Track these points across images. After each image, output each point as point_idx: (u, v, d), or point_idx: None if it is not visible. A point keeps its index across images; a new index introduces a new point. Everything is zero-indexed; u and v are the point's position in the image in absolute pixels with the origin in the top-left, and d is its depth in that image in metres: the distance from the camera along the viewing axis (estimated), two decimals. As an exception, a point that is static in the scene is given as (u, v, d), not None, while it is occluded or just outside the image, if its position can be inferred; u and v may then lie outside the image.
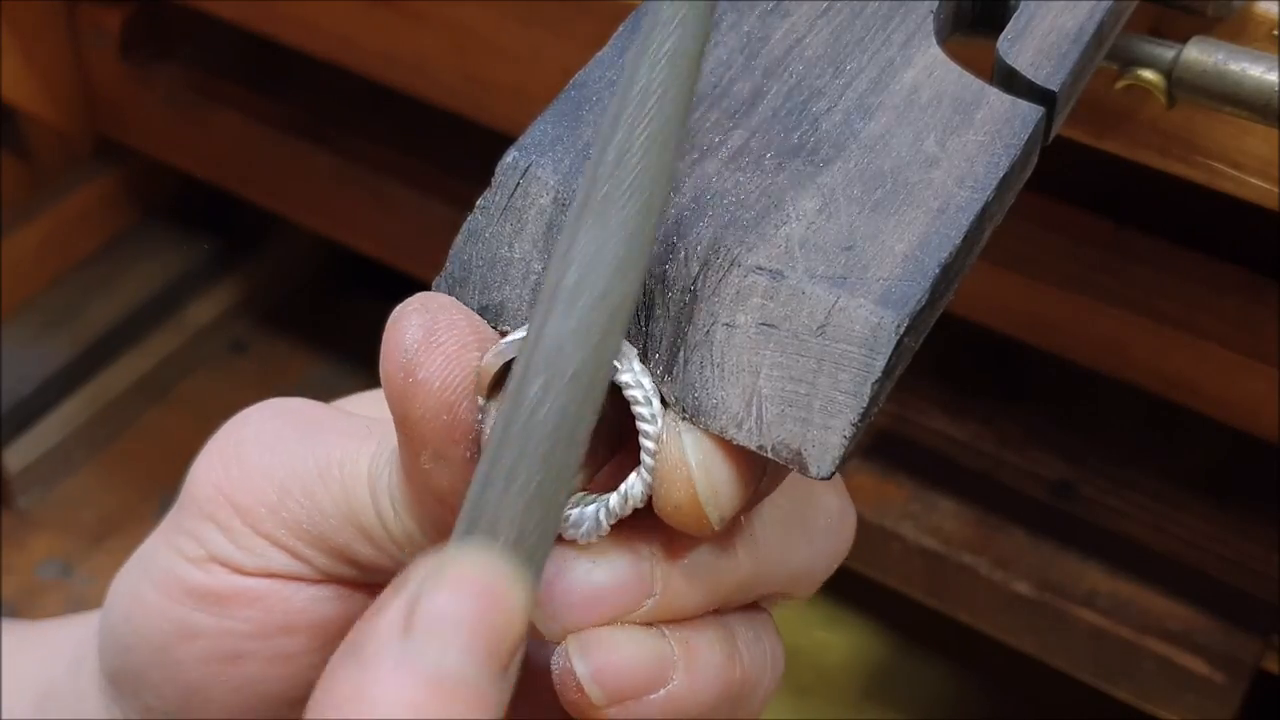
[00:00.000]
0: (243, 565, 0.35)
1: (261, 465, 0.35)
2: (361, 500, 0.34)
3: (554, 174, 0.31)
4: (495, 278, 0.31)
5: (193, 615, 0.36)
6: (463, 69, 0.65)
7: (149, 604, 0.36)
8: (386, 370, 0.30)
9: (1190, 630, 0.60)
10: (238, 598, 0.35)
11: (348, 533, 0.34)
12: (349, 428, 0.36)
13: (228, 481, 0.35)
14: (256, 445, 0.36)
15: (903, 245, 0.30)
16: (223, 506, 0.35)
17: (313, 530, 0.35)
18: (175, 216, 0.89)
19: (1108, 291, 0.58)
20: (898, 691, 0.79)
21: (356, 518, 0.34)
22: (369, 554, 0.34)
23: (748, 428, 0.29)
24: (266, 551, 0.35)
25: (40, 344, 0.83)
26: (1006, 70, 0.34)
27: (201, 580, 0.35)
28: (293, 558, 0.35)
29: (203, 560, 0.35)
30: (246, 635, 0.36)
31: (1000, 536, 0.63)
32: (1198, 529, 0.63)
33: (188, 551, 0.36)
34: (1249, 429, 0.57)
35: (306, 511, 0.35)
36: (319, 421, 0.36)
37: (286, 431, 0.36)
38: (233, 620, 0.35)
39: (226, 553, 0.35)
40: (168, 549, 0.36)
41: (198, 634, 0.36)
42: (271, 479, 0.35)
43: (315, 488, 0.34)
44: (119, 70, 0.80)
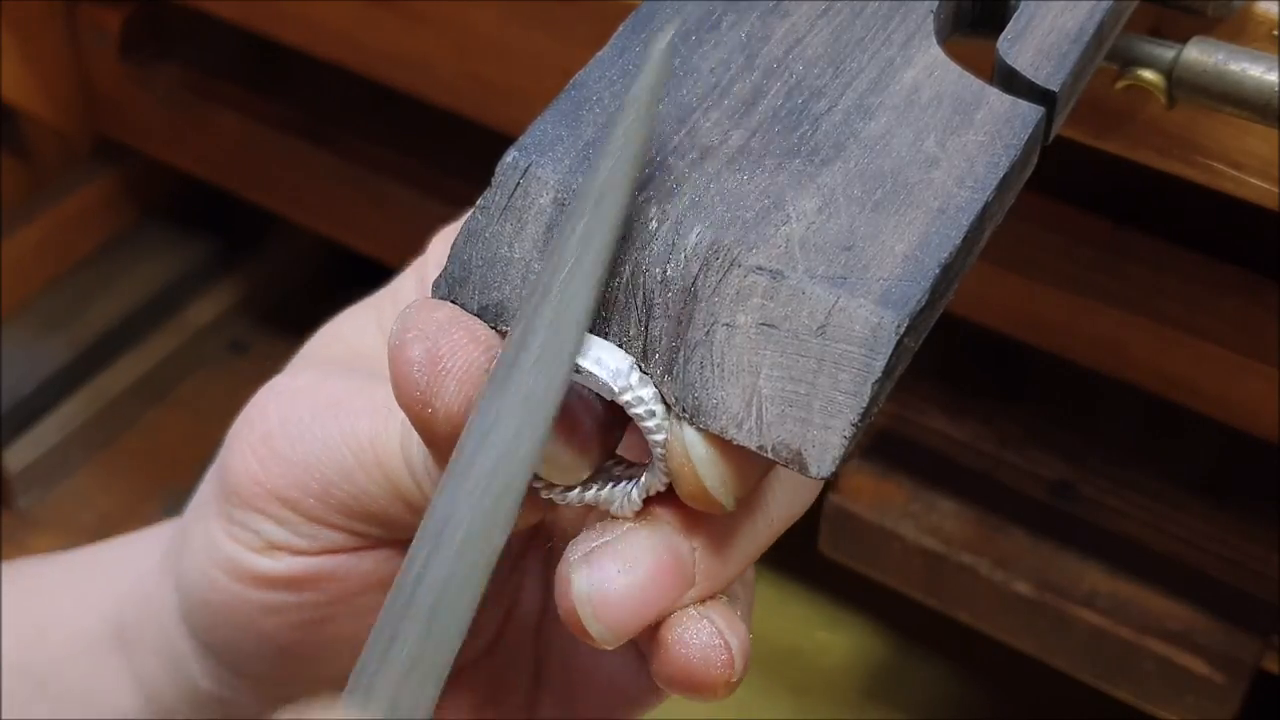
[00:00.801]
0: (305, 548, 0.36)
1: (296, 457, 0.36)
2: (400, 475, 0.35)
3: (554, 174, 0.31)
4: (495, 278, 0.31)
5: (273, 596, 0.37)
6: (463, 69, 0.65)
7: (226, 590, 0.37)
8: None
9: (1190, 630, 0.60)
10: (311, 577, 0.36)
11: (395, 506, 0.35)
12: (371, 404, 0.36)
13: (266, 477, 0.36)
14: (285, 437, 0.36)
15: (903, 245, 0.30)
16: (270, 501, 0.36)
17: (360, 509, 0.36)
18: (175, 216, 0.89)
19: (1107, 291, 0.58)
20: (898, 691, 0.79)
21: (399, 491, 0.35)
22: (410, 519, 0.35)
23: (748, 428, 0.29)
24: (323, 533, 0.36)
25: (40, 344, 0.83)
26: (1006, 70, 0.34)
27: (271, 567, 0.36)
28: (349, 534, 0.36)
29: (265, 549, 0.36)
30: (330, 603, 0.37)
31: (1000, 536, 0.63)
32: (1198, 529, 0.63)
33: (249, 542, 0.37)
34: (1249, 429, 0.57)
35: (351, 494, 0.35)
36: (339, 401, 0.37)
37: (310, 417, 0.36)
38: (313, 593, 0.37)
39: (287, 540, 0.36)
40: (228, 540, 0.37)
41: (282, 609, 0.37)
42: (310, 470, 0.36)
43: (354, 470, 0.35)
44: (119, 70, 0.80)
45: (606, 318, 0.30)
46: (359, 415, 0.36)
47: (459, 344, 0.30)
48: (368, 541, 0.36)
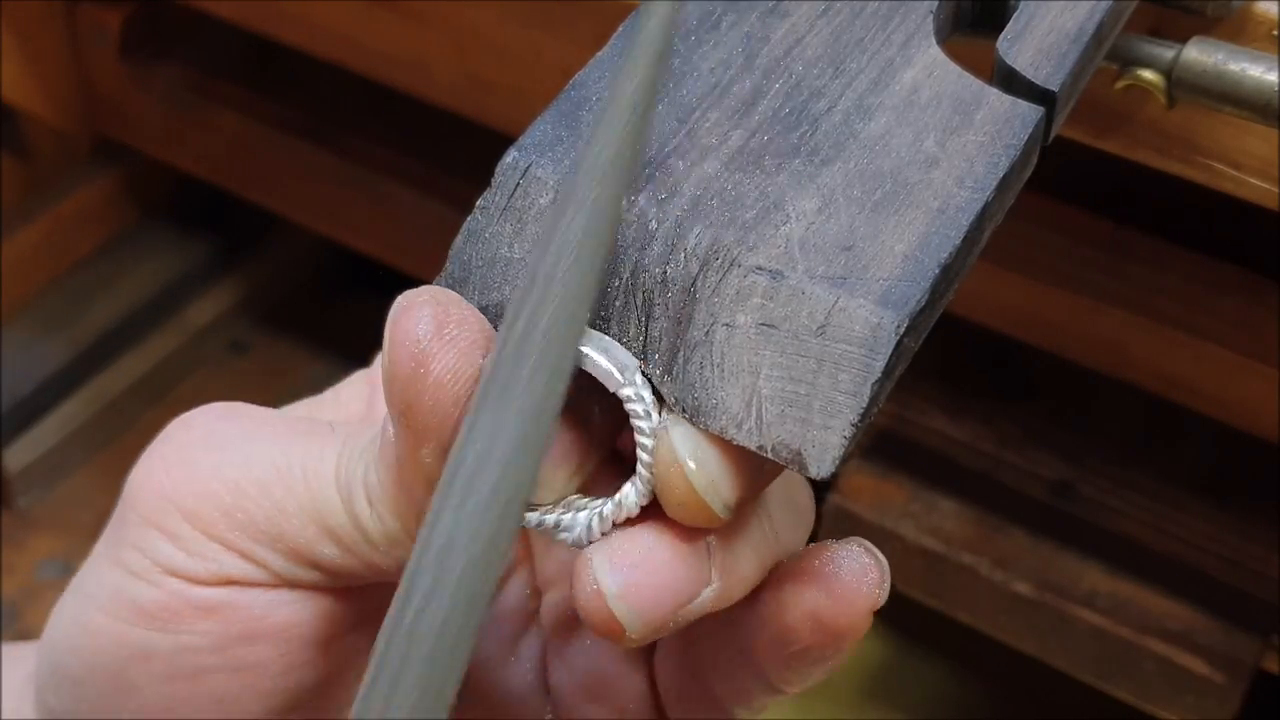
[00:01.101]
0: (195, 573, 0.34)
1: (211, 467, 0.34)
2: (329, 501, 0.33)
3: (554, 174, 0.31)
4: (495, 278, 0.31)
5: (146, 636, 0.34)
6: (463, 69, 0.65)
7: (97, 631, 0.35)
8: (394, 358, 0.30)
9: (1190, 630, 0.60)
10: (192, 611, 0.34)
11: (310, 533, 0.33)
12: (304, 428, 0.34)
13: (173, 486, 0.34)
14: (204, 447, 0.34)
15: (903, 245, 0.30)
16: (169, 513, 0.34)
17: (271, 531, 0.33)
18: (175, 216, 0.89)
19: (1107, 291, 0.58)
20: (898, 691, 0.79)
21: (323, 518, 0.33)
22: (333, 555, 0.33)
23: (747, 428, 0.29)
24: (220, 556, 0.34)
25: (40, 344, 0.83)
26: (1006, 70, 0.34)
27: (153, 596, 0.34)
28: (248, 561, 0.34)
29: (151, 572, 0.34)
30: (206, 649, 0.34)
31: (1000, 536, 0.63)
32: (1198, 529, 0.63)
33: (134, 566, 0.34)
34: (1249, 429, 0.57)
35: (264, 511, 0.33)
36: (268, 423, 0.35)
37: (235, 433, 0.35)
38: (190, 635, 0.34)
39: (177, 561, 0.34)
40: (112, 568, 0.35)
41: (153, 654, 0.34)
42: (223, 480, 0.34)
43: (273, 487, 0.33)
44: (119, 70, 0.80)
45: (606, 318, 0.30)
46: (288, 436, 0.34)
47: (468, 319, 0.30)
48: (263, 577, 0.34)
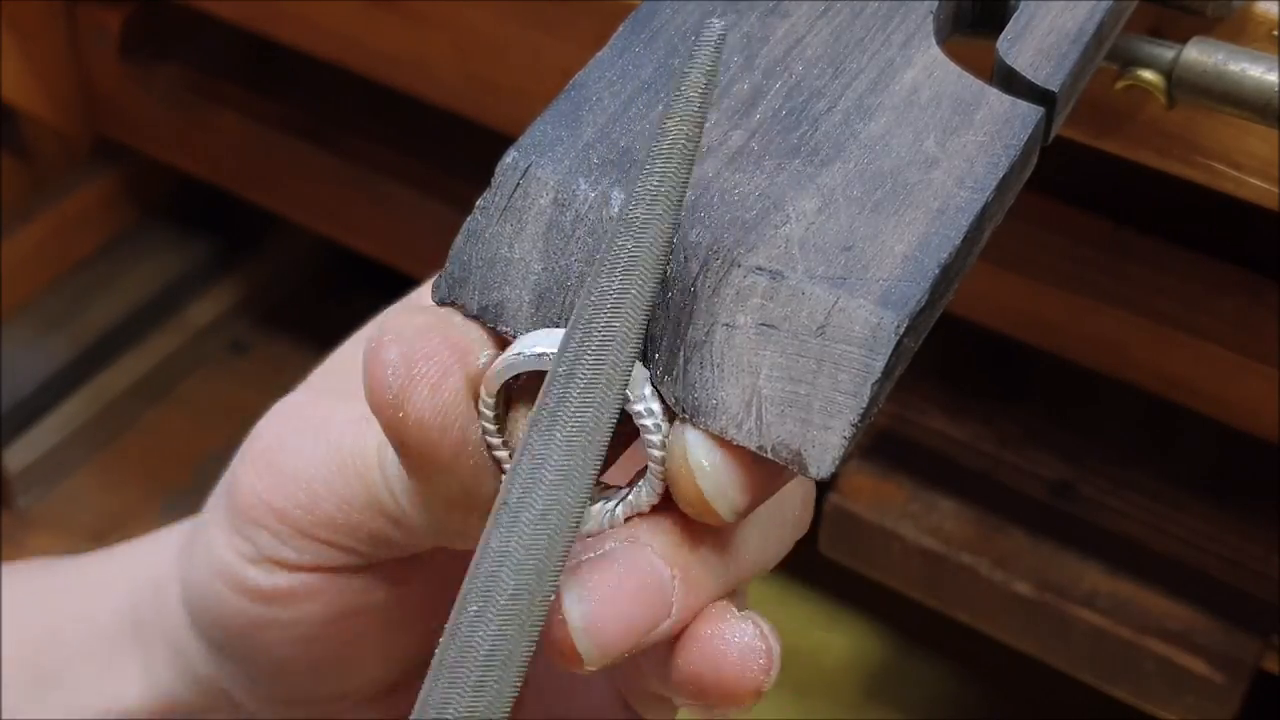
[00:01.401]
0: (296, 562, 0.37)
1: (290, 469, 0.37)
2: (375, 484, 0.35)
3: (554, 174, 0.31)
4: (495, 278, 0.31)
5: (265, 610, 0.38)
6: (463, 69, 0.65)
7: (224, 599, 0.39)
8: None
9: (1190, 630, 0.60)
10: (299, 593, 0.38)
11: (375, 518, 0.36)
12: (353, 414, 0.36)
13: (264, 489, 0.37)
14: (282, 451, 0.38)
15: (902, 246, 0.30)
16: (265, 513, 0.37)
17: (346, 523, 0.36)
18: (175, 216, 0.89)
19: (1107, 291, 0.58)
20: (898, 691, 0.79)
21: (376, 500, 0.36)
22: (399, 536, 0.36)
23: (747, 428, 0.29)
24: (312, 548, 0.37)
25: (40, 344, 0.83)
26: (1006, 70, 0.34)
27: (263, 581, 0.38)
28: (337, 550, 0.37)
29: (260, 561, 0.38)
30: (318, 622, 0.38)
31: (1000, 536, 0.63)
32: (1198, 529, 0.63)
33: (246, 553, 0.38)
34: (1249, 429, 0.57)
35: (336, 506, 0.36)
36: (326, 418, 0.38)
37: (301, 433, 0.38)
38: (301, 610, 0.38)
39: (279, 553, 0.37)
40: (228, 550, 0.38)
41: (273, 624, 0.38)
42: (299, 481, 0.37)
43: (337, 482, 0.36)
44: (119, 70, 0.80)
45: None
46: (343, 429, 0.37)
47: (435, 350, 0.30)
48: (355, 561, 0.37)
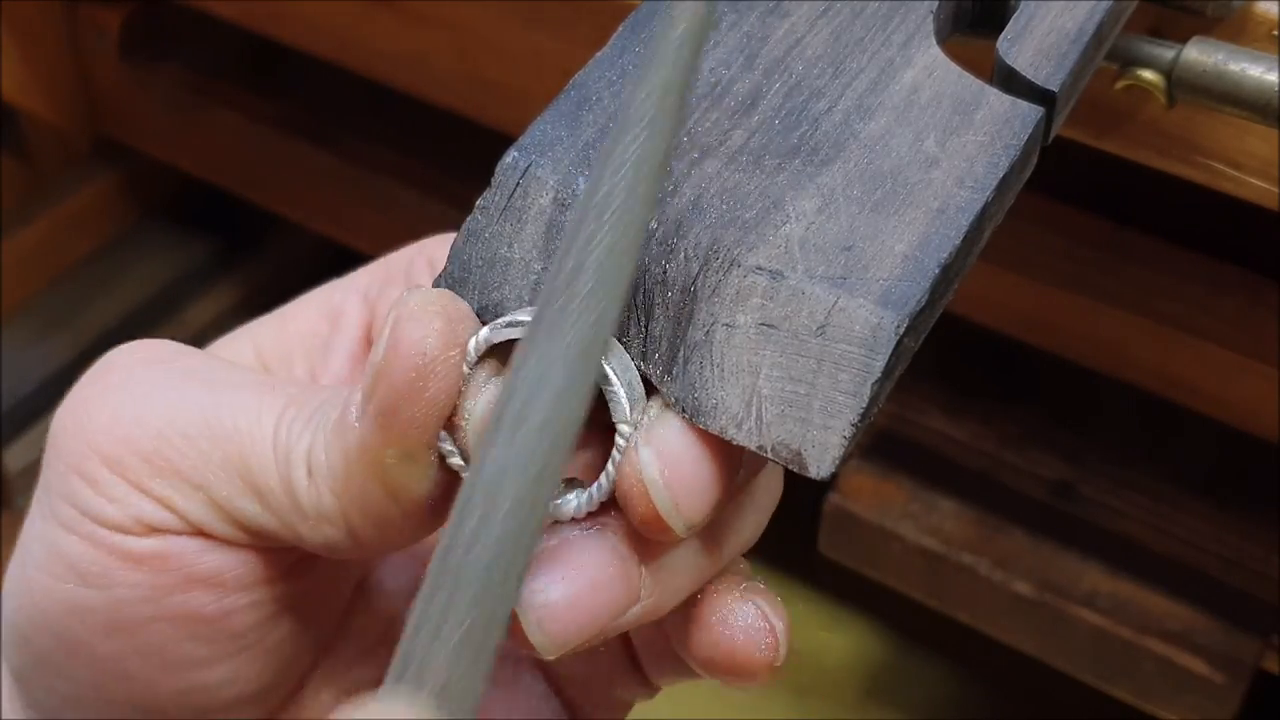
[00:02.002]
0: (117, 521, 0.32)
1: (134, 411, 0.33)
2: (261, 459, 0.32)
3: (554, 174, 0.31)
4: (495, 278, 0.31)
5: (81, 593, 0.33)
6: (463, 69, 0.65)
7: (36, 588, 0.34)
8: (393, 363, 0.29)
9: (1190, 630, 0.60)
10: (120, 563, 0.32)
11: (234, 487, 0.32)
12: (241, 380, 0.33)
13: (94, 431, 0.33)
14: (126, 391, 0.33)
15: (902, 245, 0.30)
16: (88, 457, 0.33)
17: (193, 480, 0.32)
18: (175, 216, 0.89)
19: (1107, 291, 0.58)
20: (898, 691, 0.79)
21: (251, 476, 0.32)
22: (255, 513, 0.32)
23: (747, 428, 0.29)
24: (140, 503, 0.32)
25: (40, 344, 0.83)
26: (1006, 70, 0.34)
27: (81, 551, 0.33)
28: (167, 510, 0.32)
29: (78, 523, 0.33)
30: (140, 600, 0.33)
31: (1000, 536, 0.63)
32: (1198, 529, 0.63)
33: (63, 517, 0.33)
34: (1249, 429, 0.57)
35: (188, 461, 0.32)
36: (199, 371, 0.34)
37: (162, 379, 0.33)
38: (122, 588, 0.33)
39: (98, 509, 0.32)
40: (44, 522, 0.34)
41: (90, 610, 0.33)
42: (145, 425, 0.32)
43: (199, 437, 0.32)
44: (119, 70, 0.80)
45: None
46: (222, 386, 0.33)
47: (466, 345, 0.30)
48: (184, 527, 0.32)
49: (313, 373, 0.37)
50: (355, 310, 0.37)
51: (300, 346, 0.37)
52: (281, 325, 0.38)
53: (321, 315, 0.38)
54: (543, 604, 0.29)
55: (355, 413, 0.30)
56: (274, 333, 0.37)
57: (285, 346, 0.37)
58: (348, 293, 0.38)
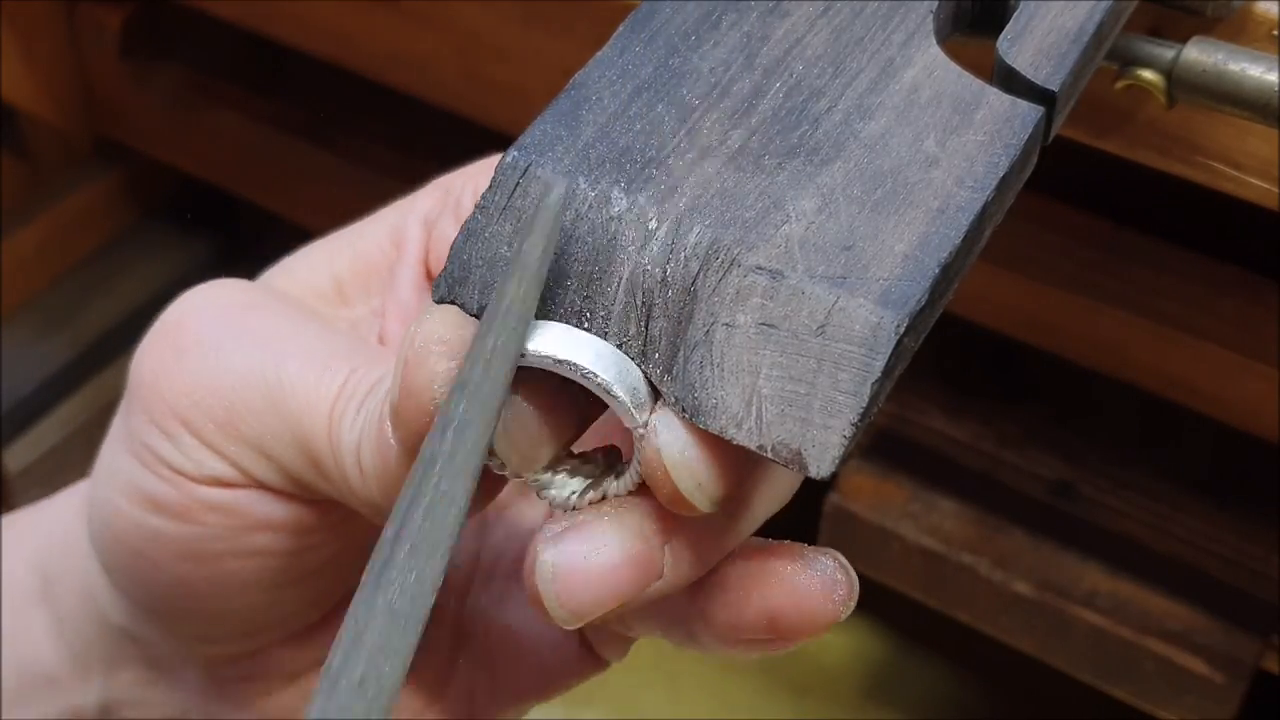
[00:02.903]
0: (193, 474, 0.35)
1: (207, 377, 0.35)
2: (317, 438, 0.34)
3: (554, 174, 0.31)
4: (495, 277, 0.31)
5: (160, 523, 0.35)
6: (463, 69, 0.65)
7: (120, 511, 0.36)
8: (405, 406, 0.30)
9: (1190, 630, 0.60)
10: (199, 506, 0.35)
11: (297, 459, 0.34)
12: (310, 349, 0.35)
13: (170, 390, 0.35)
14: (200, 352, 0.35)
15: (902, 245, 0.30)
16: (168, 417, 0.35)
17: (261, 447, 0.34)
18: (175, 216, 0.89)
19: (1107, 291, 0.58)
20: (898, 691, 0.79)
21: (311, 453, 0.34)
22: (315, 481, 0.34)
23: (747, 427, 0.29)
24: (212, 462, 0.35)
25: (40, 344, 0.83)
26: (1006, 70, 0.34)
27: (159, 489, 0.35)
28: (237, 470, 0.35)
29: (158, 467, 0.35)
30: (214, 538, 0.35)
31: (1000, 536, 0.63)
32: (1198, 529, 0.63)
33: (141, 456, 0.35)
34: (1249, 429, 0.57)
35: (255, 430, 0.34)
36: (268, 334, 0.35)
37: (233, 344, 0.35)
38: (197, 526, 0.35)
39: (177, 462, 0.35)
40: (126, 455, 0.36)
41: (167, 538, 0.35)
42: (218, 394, 0.34)
43: (265, 412, 0.34)
44: (119, 70, 0.80)
45: (606, 318, 0.30)
46: (288, 357, 0.35)
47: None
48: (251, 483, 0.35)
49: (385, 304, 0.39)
50: (416, 236, 0.39)
51: (374, 276, 0.39)
52: (354, 251, 0.40)
53: (390, 240, 0.39)
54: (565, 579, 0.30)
55: (390, 430, 0.32)
56: (349, 260, 0.39)
57: (360, 274, 0.39)
58: (409, 216, 0.40)
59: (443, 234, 0.39)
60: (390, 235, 0.39)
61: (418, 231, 0.39)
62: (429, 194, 0.40)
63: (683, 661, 0.75)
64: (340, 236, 0.40)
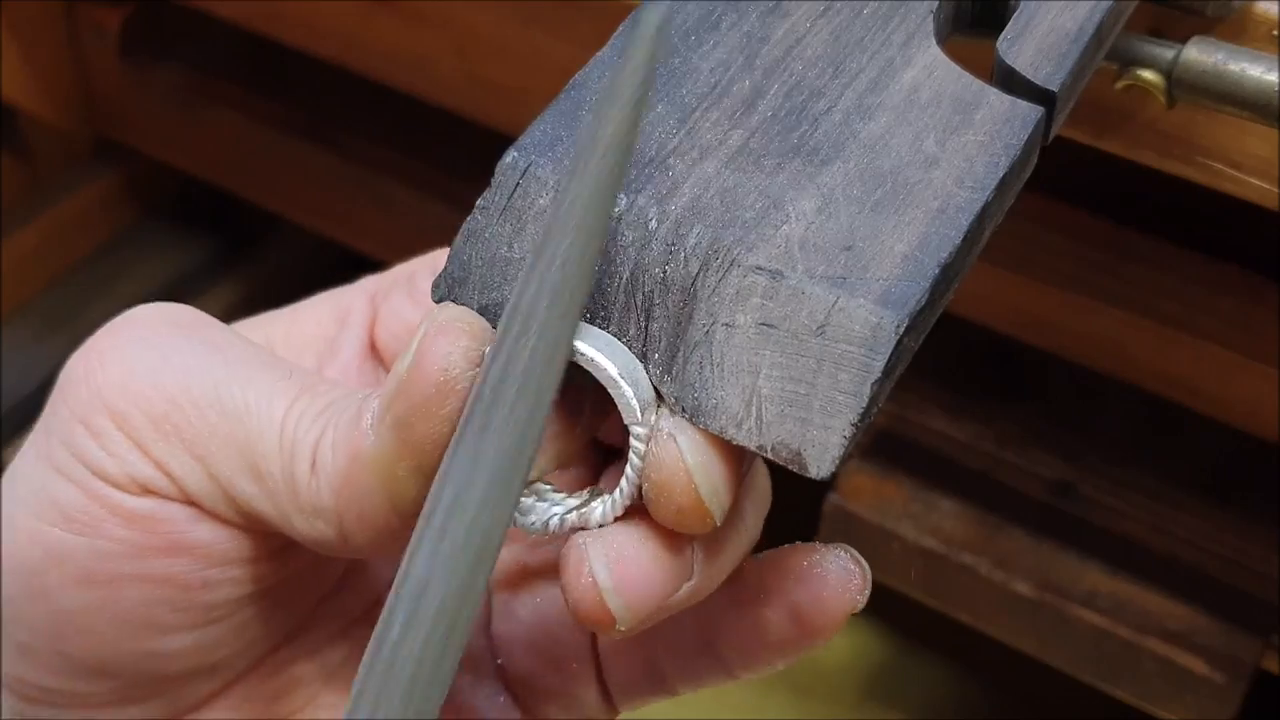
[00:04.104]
0: (113, 476, 0.32)
1: (149, 373, 0.33)
2: (266, 444, 0.32)
3: (554, 174, 0.31)
4: (495, 277, 0.31)
5: (64, 538, 0.33)
6: (463, 69, 0.65)
7: (19, 528, 0.33)
8: (418, 377, 0.29)
9: (1190, 630, 0.60)
10: (111, 516, 0.33)
11: (235, 465, 0.32)
12: (259, 360, 0.33)
13: (105, 382, 0.33)
14: (144, 350, 0.33)
15: (902, 245, 0.30)
16: (97, 411, 0.33)
17: (195, 450, 0.32)
18: (175, 216, 0.89)
19: (1107, 291, 0.58)
20: (898, 691, 0.79)
21: (254, 457, 0.32)
22: (253, 494, 0.32)
23: (747, 428, 0.29)
24: (139, 463, 0.32)
25: (40, 344, 0.83)
26: (1006, 70, 0.34)
27: (73, 497, 0.33)
28: (164, 475, 0.32)
29: (74, 470, 0.33)
30: (122, 556, 0.33)
31: (1000, 536, 0.63)
32: (1198, 529, 0.63)
33: (59, 462, 0.33)
34: (1249, 429, 0.57)
35: (194, 431, 0.32)
36: (220, 343, 0.34)
37: (182, 344, 0.33)
38: (107, 541, 0.33)
39: (97, 461, 0.33)
40: (38, 463, 0.33)
41: (69, 557, 0.33)
42: (158, 387, 0.32)
43: (209, 409, 0.32)
44: (119, 70, 0.80)
45: (606, 318, 0.30)
46: (240, 365, 0.33)
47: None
48: (178, 495, 0.33)
49: (320, 370, 0.37)
50: (361, 311, 0.38)
51: (311, 345, 0.38)
52: (294, 321, 0.38)
53: (332, 316, 0.38)
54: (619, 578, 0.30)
55: (370, 420, 0.31)
56: (286, 327, 0.38)
57: (297, 342, 0.38)
58: (356, 295, 0.38)
59: (393, 308, 0.38)
60: (333, 313, 0.38)
61: (362, 303, 0.38)
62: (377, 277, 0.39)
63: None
64: (278, 313, 0.38)
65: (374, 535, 0.31)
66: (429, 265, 0.38)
